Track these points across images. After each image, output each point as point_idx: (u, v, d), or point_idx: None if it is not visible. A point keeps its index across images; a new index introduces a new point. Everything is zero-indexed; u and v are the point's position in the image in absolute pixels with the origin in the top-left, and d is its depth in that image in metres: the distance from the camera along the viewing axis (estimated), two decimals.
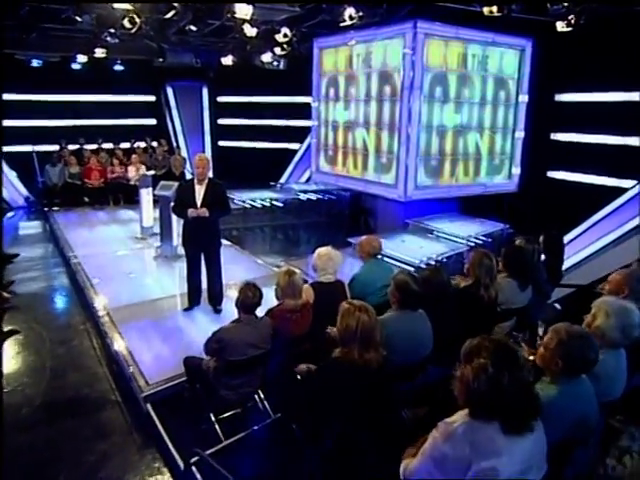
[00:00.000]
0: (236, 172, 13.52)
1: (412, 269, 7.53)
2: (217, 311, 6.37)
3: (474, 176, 10.42)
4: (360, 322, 3.13)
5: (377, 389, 3.23)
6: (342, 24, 8.82)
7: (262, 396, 4.44)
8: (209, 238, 6.16)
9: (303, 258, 9.20)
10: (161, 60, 12.65)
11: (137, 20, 8.99)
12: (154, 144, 14.76)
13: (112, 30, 10.01)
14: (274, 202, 12.18)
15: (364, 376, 3.15)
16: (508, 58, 10.31)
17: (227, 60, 14.08)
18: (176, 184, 8.14)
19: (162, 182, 8.22)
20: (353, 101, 10.48)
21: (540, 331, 4.90)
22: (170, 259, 8.29)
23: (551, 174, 10.95)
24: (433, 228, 9.41)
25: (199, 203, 6.00)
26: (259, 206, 12.08)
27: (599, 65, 9.57)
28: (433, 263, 7.81)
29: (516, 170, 10.91)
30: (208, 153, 16.34)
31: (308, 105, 15.39)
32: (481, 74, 10.01)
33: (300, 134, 15.36)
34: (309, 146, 14.88)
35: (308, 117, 15.28)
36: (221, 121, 16.90)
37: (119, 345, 5.59)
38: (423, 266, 7.61)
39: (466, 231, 9.12)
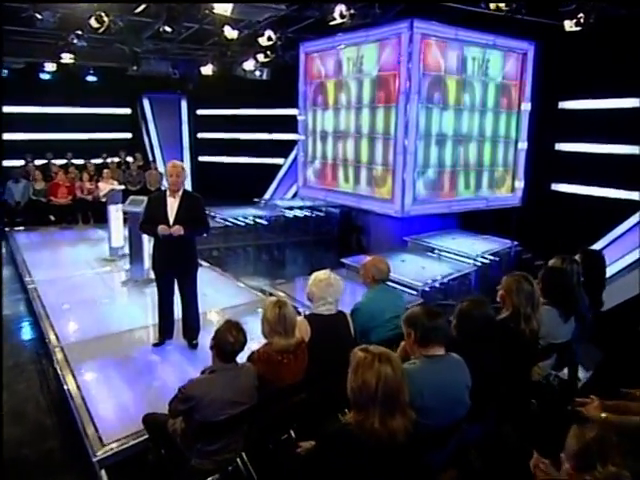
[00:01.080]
0: (217, 188, 12.68)
1: (415, 293, 6.73)
2: (193, 346, 5.46)
3: (475, 189, 9.69)
4: (382, 378, 2.27)
5: (404, 466, 2.37)
6: (332, 22, 8.08)
7: (246, 459, 3.54)
8: (183, 260, 5.27)
9: (290, 281, 8.37)
10: (135, 68, 11.79)
11: (105, 19, 8.18)
12: (129, 159, 13.85)
13: (79, 32, 9.16)
14: (258, 220, 11.36)
15: (387, 450, 2.30)
16: (510, 62, 9.66)
17: (207, 69, 13.32)
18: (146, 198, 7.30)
19: (132, 197, 7.33)
20: (343, 109, 9.74)
21: (582, 374, 4.08)
22: (140, 284, 7.36)
23: (555, 187, 10.29)
24: (435, 246, 8.61)
25: (172, 219, 5.14)
26: (242, 224, 11.25)
27: (605, 69, 8.99)
28: (438, 285, 7.00)
29: (519, 183, 10.21)
30: (187, 168, 15.42)
31: (293, 118, 14.66)
32: (481, 79, 9.34)
33: (284, 148, 14.65)
34: (294, 161, 14.15)
35: (293, 130, 14.55)
36: (201, 135, 16.09)
37: (71, 390, 4.64)
38: (427, 289, 6.80)
39: (471, 249, 8.34)
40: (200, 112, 16.02)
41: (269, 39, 9.61)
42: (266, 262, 10.60)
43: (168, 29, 8.88)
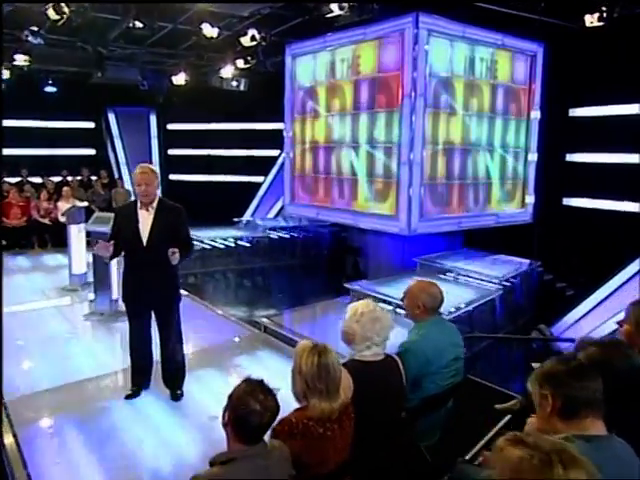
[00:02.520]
0: (190, 209, 11.45)
1: None
2: (177, 397, 4.36)
3: (485, 204, 8.86)
4: None
5: None
6: (329, 15, 7.22)
7: None
8: (161, 289, 4.21)
9: (283, 311, 7.36)
10: (100, 75, 10.71)
11: (65, 9, 7.15)
12: (93, 177, 12.65)
13: (34, 28, 8.08)
14: (239, 242, 10.31)
15: None
16: (518, 65, 8.96)
17: (179, 79, 12.35)
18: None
19: (97, 214, 6.24)
20: (337, 116, 8.84)
21: None
22: (107, 318, 6.22)
23: (567, 201, 9.55)
24: (452, 268, 7.68)
25: (145, 237, 4.10)
26: (221, 247, 10.19)
27: (619, 73, 8.37)
28: (462, 314, 6.04)
29: (530, 198, 9.43)
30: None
31: (273, 132, 13.77)
32: (490, 82, 8.58)
33: (264, 165, 13.76)
34: (275, 178, 13.29)
35: (273, 146, 13.69)
36: (172, 152, 15.02)
37: (12, 461, 3.50)
38: (452, 320, 5.82)
39: (492, 271, 7.43)
40: (171, 127, 15.00)
41: (253, 39, 8.69)
42: (250, 289, 9.57)
43: (139, 24, 7.88)
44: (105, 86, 12.60)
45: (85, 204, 7.72)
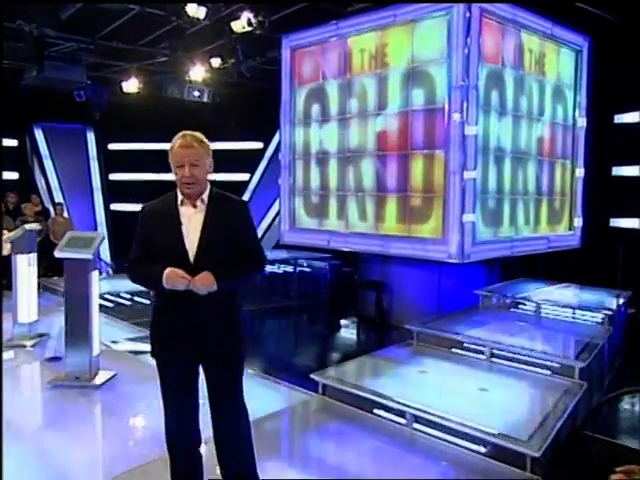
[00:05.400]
0: None
1: (573, 379, 4.56)
2: None
3: (535, 225, 7.88)
4: None
5: None
6: None
7: None
8: (218, 333, 2.71)
9: (329, 366, 5.88)
10: (35, 74, 9.09)
11: None
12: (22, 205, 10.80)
13: None
14: None
15: None
16: (565, 61, 8.21)
17: (130, 86, 10.93)
18: (100, 234, 4.68)
19: (70, 233, 4.57)
20: (355, 119, 7.66)
21: None
22: (87, 384, 4.52)
23: (615, 222, 8.77)
24: (524, 299, 6.61)
25: (192, 251, 2.63)
26: None
27: None
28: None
29: (578, 219, 8.58)
30: (100, 219, 12.62)
31: (242, 153, 12.57)
32: (538, 78, 7.74)
33: (231, 192, 12.29)
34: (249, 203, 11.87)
35: (241, 169, 12.47)
36: (114, 176, 13.30)
37: None
38: (584, 366, 4.62)
39: (579, 302, 6.39)
40: (113, 147, 13.33)
41: (249, 24, 7.45)
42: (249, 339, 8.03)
43: None
44: (31, 97, 11.01)
45: (38, 227, 6.01)
